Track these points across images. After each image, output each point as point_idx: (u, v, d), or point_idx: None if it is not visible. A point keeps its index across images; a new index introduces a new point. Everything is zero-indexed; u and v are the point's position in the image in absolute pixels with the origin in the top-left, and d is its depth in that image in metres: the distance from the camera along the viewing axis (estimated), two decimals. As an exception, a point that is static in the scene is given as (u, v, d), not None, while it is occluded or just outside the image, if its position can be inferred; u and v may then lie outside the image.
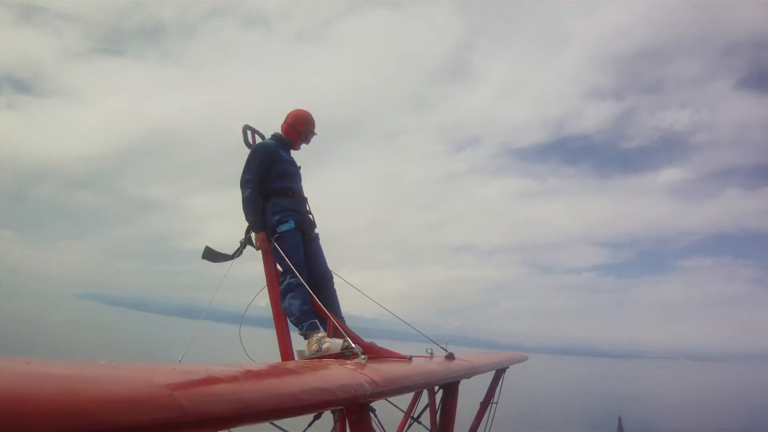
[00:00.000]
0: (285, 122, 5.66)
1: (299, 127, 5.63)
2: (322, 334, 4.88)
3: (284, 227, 5.14)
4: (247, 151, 5.52)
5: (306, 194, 5.58)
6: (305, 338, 4.91)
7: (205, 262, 5.25)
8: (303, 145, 5.73)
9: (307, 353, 4.82)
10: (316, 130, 5.72)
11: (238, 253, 5.28)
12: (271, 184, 5.30)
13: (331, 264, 5.56)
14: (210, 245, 5.30)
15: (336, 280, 5.50)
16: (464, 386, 5.45)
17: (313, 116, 5.72)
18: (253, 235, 5.24)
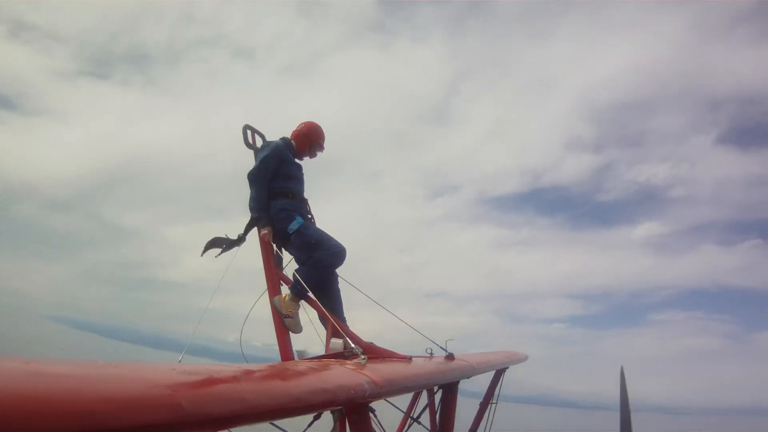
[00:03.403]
0: (298, 130, 5.66)
1: (312, 139, 5.64)
2: (297, 305, 5.00)
3: (294, 225, 5.18)
4: (247, 152, 5.53)
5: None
6: (290, 293, 5.02)
7: (204, 260, 5.23)
8: (306, 158, 5.73)
9: (275, 300, 5.00)
10: (324, 147, 5.74)
11: (239, 242, 5.27)
12: (274, 183, 5.31)
13: None
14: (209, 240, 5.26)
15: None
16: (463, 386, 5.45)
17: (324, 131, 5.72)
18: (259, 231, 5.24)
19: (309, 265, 5.10)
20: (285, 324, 4.98)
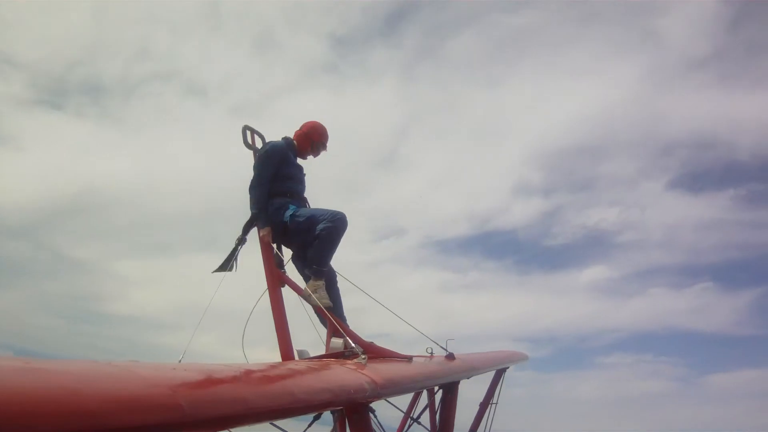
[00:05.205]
0: (300, 130, 5.66)
1: (314, 138, 5.64)
2: (321, 282, 5.00)
3: (288, 213, 5.16)
4: (246, 152, 5.53)
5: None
6: (311, 277, 5.02)
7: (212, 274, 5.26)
8: (310, 157, 5.72)
9: (303, 292, 4.99)
10: (328, 146, 5.72)
11: (240, 243, 5.30)
12: (273, 184, 5.29)
13: None
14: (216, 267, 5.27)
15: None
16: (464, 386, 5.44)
17: (328, 131, 5.72)
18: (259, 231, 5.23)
19: (317, 241, 5.03)
20: (312, 302, 4.95)
